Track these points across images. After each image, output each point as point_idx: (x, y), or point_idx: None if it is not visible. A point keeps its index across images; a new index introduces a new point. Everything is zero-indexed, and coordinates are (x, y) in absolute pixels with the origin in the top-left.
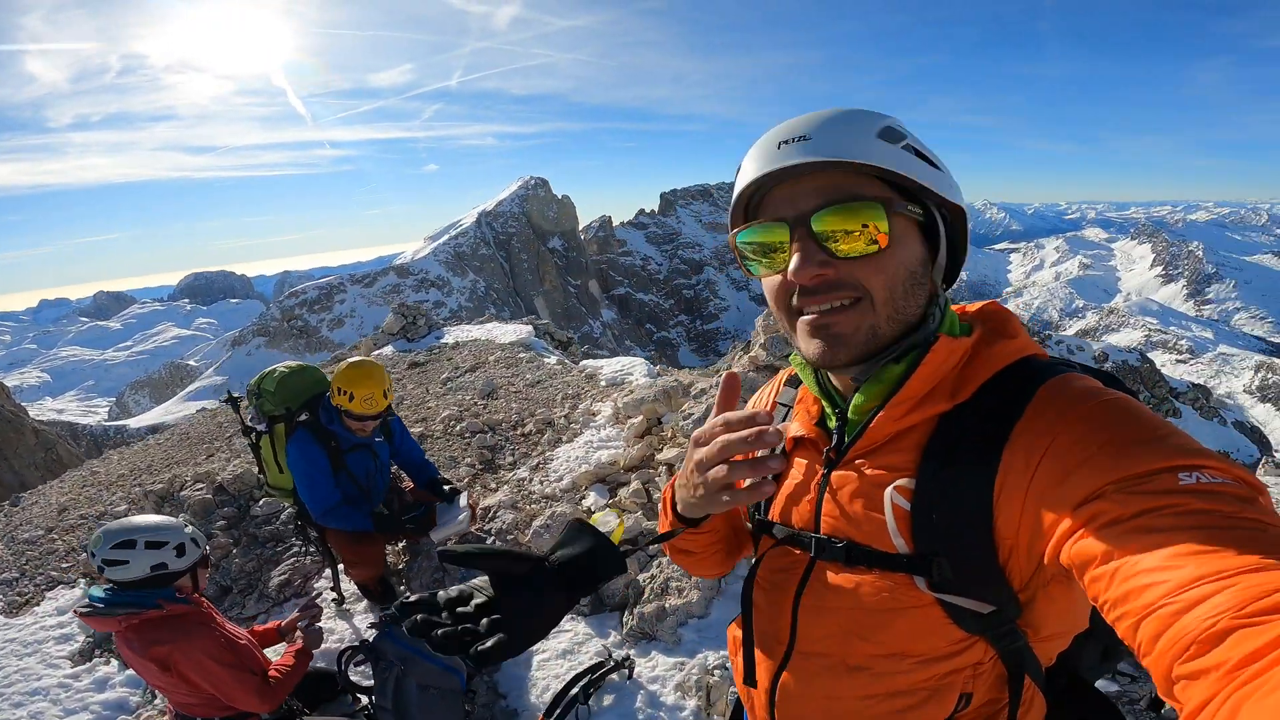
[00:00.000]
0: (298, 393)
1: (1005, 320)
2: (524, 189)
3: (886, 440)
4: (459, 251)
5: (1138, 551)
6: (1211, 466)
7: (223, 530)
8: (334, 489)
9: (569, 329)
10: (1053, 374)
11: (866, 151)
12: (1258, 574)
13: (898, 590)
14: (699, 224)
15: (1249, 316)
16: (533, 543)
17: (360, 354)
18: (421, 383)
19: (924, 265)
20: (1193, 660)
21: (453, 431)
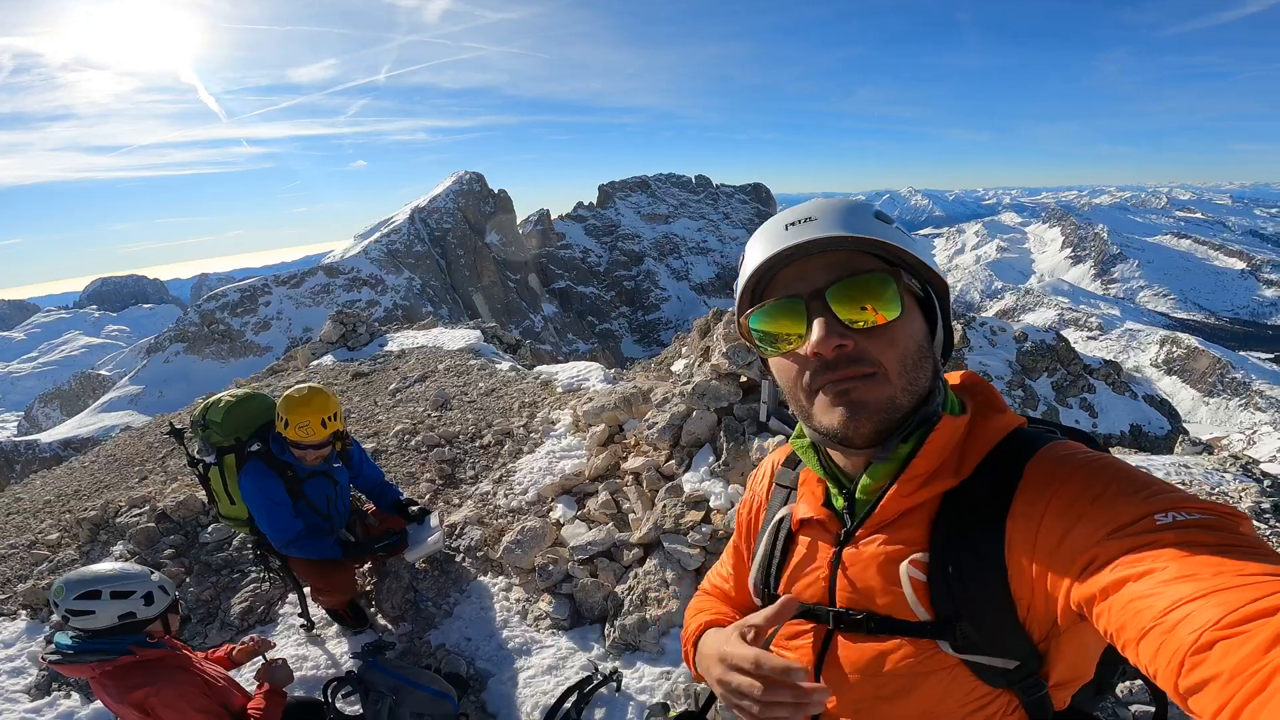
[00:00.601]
0: (246, 422)
1: (990, 394)
2: (459, 184)
3: (896, 517)
4: (392, 249)
5: (1128, 584)
6: (1184, 507)
7: (171, 559)
8: (294, 519)
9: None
10: (1040, 444)
11: (870, 229)
12: (1231, 591)
13: (922, 654)
14: (638, 215)
15: (1152, 294)
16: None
17: (298, 364)
18: (368, 394)
19: (927, 339)
20: (1190, 674)
21: (408, 446)
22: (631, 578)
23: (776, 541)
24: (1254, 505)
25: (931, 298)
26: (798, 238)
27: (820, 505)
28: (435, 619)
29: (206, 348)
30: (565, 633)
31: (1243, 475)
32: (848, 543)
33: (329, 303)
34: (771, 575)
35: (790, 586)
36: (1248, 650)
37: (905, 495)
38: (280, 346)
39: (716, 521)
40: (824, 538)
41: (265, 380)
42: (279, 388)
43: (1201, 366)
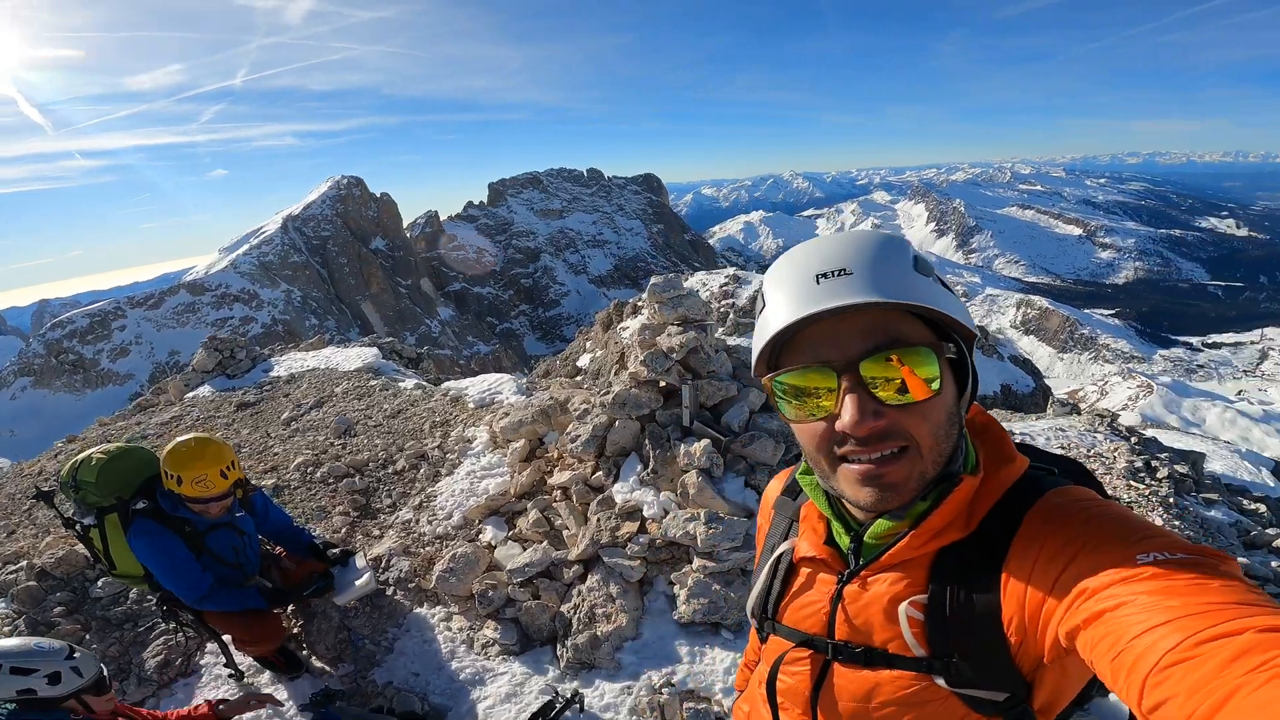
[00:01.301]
0: (126, 480)
1: (1000, 441)
2: (336, 189)
3: (899, 562)
4: (264, 261)
5: (1105, 614)
6: (1169, 548)
7: (64, 617)
8: (203, 574)
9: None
10: (1039, 493)
11: (909, 289)
12: (1196, 617)
13: (917, 686)
14: (531, 212)
15: (1006, 261)
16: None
17: (170, 398)
18: (258, 426)
19: (957, 402)
20: (1152, 693)
21: (312, 479)
22: (576, 596)
23: (776, 573)
24: (1128, 465)
25: (966, 356)
26: (830, 299)
27: (822, 543)
28: (377, 656)
29: (57, 380)
30: (516, 658)
31: (1112, 434)
32: (849, 580)
33: (196, 322)
34: (770, 604)
35: (790, 616)
36: (1205, 670)
37: (915, 548)
38: (143, 373)
39: (653, 531)
40: (825, 573)
41: (134, 418)
42: (151, 426)
43: (1054, 325)
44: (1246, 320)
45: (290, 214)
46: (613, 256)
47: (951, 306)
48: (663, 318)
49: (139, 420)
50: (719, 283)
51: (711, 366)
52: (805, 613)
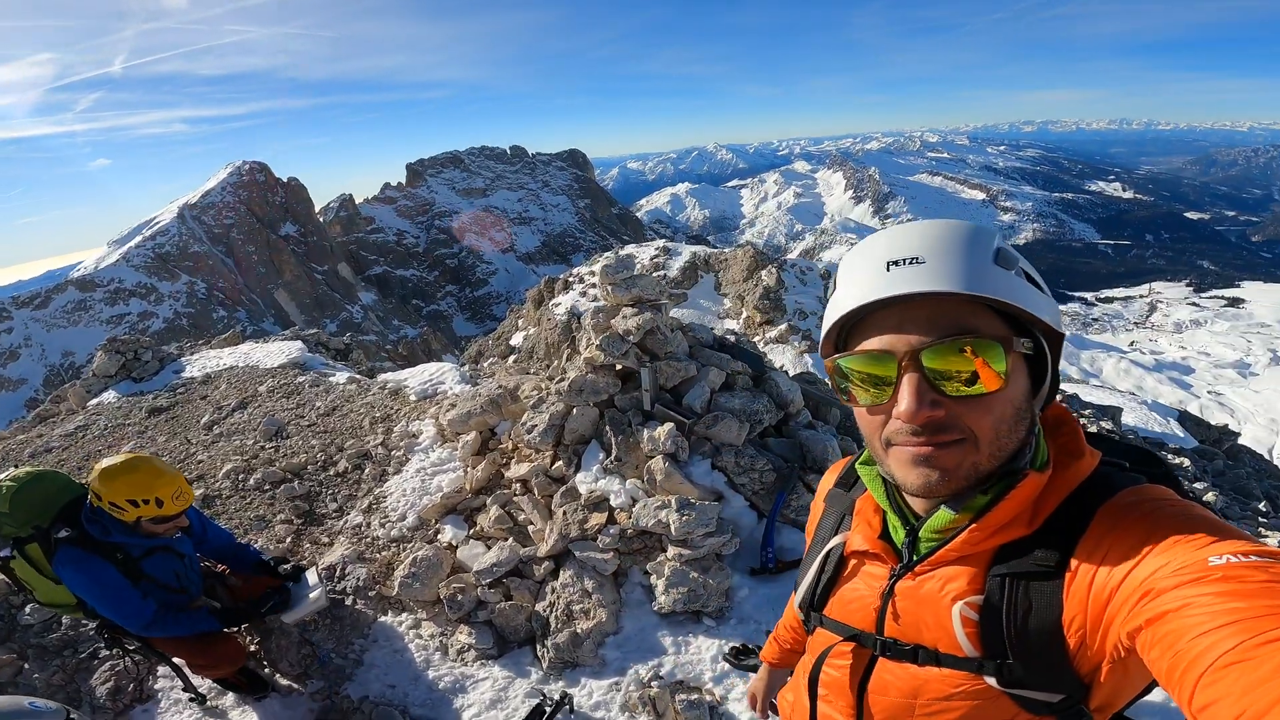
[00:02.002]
0: (43, 507)
1: (1074, 435)
2: (236, 175)
3: (955, 559)
4: (161, 253)
5: (1168, 615)
6: (1242, 550)
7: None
8: (143, 601)
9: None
10: (1112, 491)
11: (986, 282)
12: (1258, 619)
13: (966, 686)
14: (453, 191)
15: None
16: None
17: (71, 405)
18: (175, 432)
19: (1028, 399)
20: (1203, 692)
21: (245, 486)
22: (550, 593)
23: (825, 567)
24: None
25: (1045, 353)
26: (900, 287)
27: (875, 537)
28: (346, 670)
29: None
30: (495, 661)
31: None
32: (903, 576)
33: (89, 320)
34: (817, 597)
35: (839, 610)
36: (1261, 672)
37: (974, 544)
38: (36, 377)
39: (623, 521)
40: (878, 569)
41: (34, 429)
42: (54, 438)
43: None
44: (1135, 276)
45: (187, 203)
46: (540, 233)
47: (1033, 302)
48: (616, 299)
49: (40, 432)
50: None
51: (669, 347)
52: (854, 607)
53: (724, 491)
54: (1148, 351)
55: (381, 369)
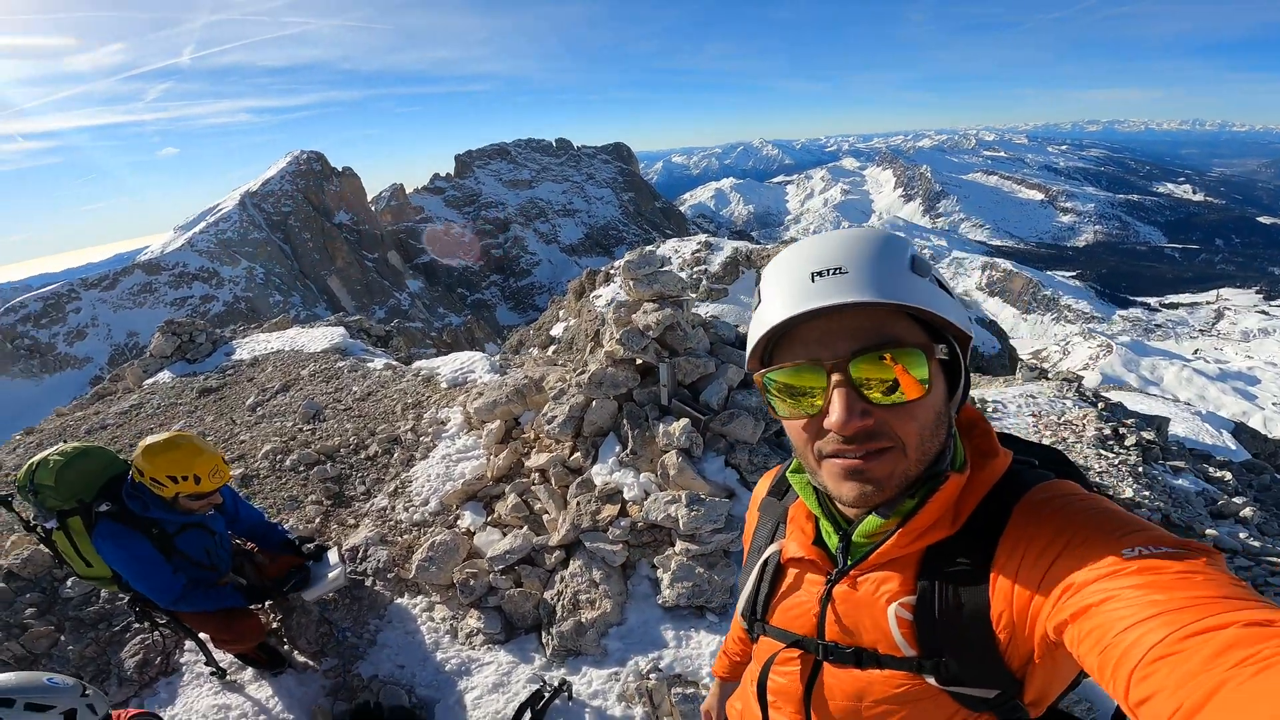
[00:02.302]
0: (87, 482)
1: (986, 436)
2: (295, 164)
3: (887, 561)
4: (223, 238)
5: (1092, 609)
6: (1154, 542)
7: (36, 619)
8: (174, 575)
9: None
10: (1025, 489)
11: (905, 291)
12: (1181, 612)
13: (907, 685)
14: (499, 182)
15: (971, 225)
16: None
17: (128, 384)
18: (222, 412)
19: (946, 403)
20: (1138, 687)
21: (282, 467)
22: (559, 582)
23: (764, 575)
24: (1097, 433)
25: (959, 357)
26: (825, 298)
27: (810, 544)
28: (360, 649)
29: (13, 366)
30: (501, 646)
31: (1080, 400)
32: (838, 581)
33: (154, 302)
34: (759, 606)
35: (780, 617)
36: (1191, 665)
37: (903, 546)
38: (101, 356)
39: (634, 514)
40: (814, 574)
41: (92, 407)
42: (110, 415)
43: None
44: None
45: (248, 190)
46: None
47: (946, 308)
48: (638, 294)
49: (97, 410)
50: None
51: (689, 343)
52: (795, 613)
53: (735, 489)
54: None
55: (421, 355)
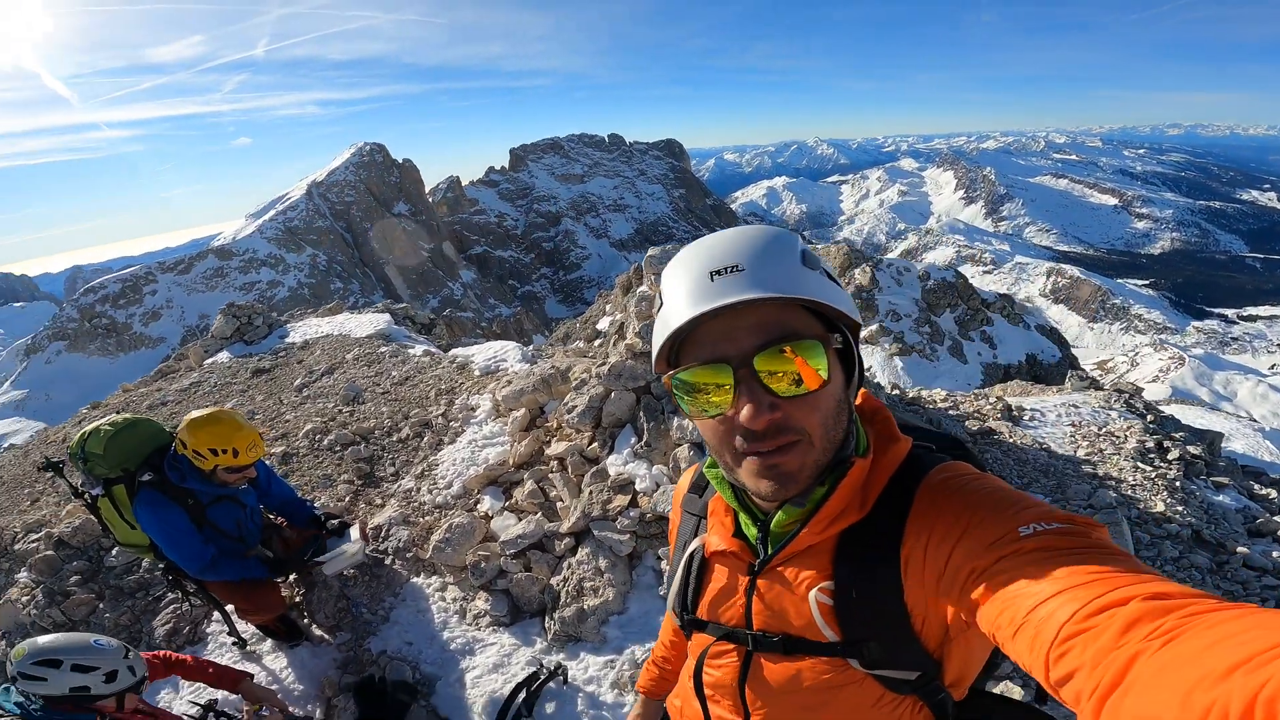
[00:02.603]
0: (132, 451)
1: (887, 422)
2: (358, 156)
3: (805, 549)
4: (290, 226)
5: (999, 588)
6: (1045, 518)
7: (79, 586)
8: (204, 545)
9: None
10: (925, 470)
11: (799, 284)
12: (1083, 587)
13: (834, 670)
14: (552, 177)
15: (1037, 229)
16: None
17: (190, 363)
18: (272, 392)
19: (845, 391)
20: (1057, 666)
21: (320, 446)
22: (566, 568)
23: (691, 571)
24: (1138, 445)
25: (852, 345)
26: (724, 296)
27: (730, 536)
28: (373, 625)
29: (91, 344)
30: (506, 629)
31: (1127, 412)
32: (761, 571)
33: (225, 286)
34: (688, 601)
35: (709, 610)
36: (1102, 641)
37: (817, 534)
38: (174, 337)
39: (644, 505)
40: (738, 567)
41: (155, 384)
42: (170, 392)
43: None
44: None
45: (314, 180)
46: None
47: (837, 298)
48: (659, 288)
49: (159, 387)
50: None
51: None
52: (723, 606)
53: None
54: None
55: (462, 344)
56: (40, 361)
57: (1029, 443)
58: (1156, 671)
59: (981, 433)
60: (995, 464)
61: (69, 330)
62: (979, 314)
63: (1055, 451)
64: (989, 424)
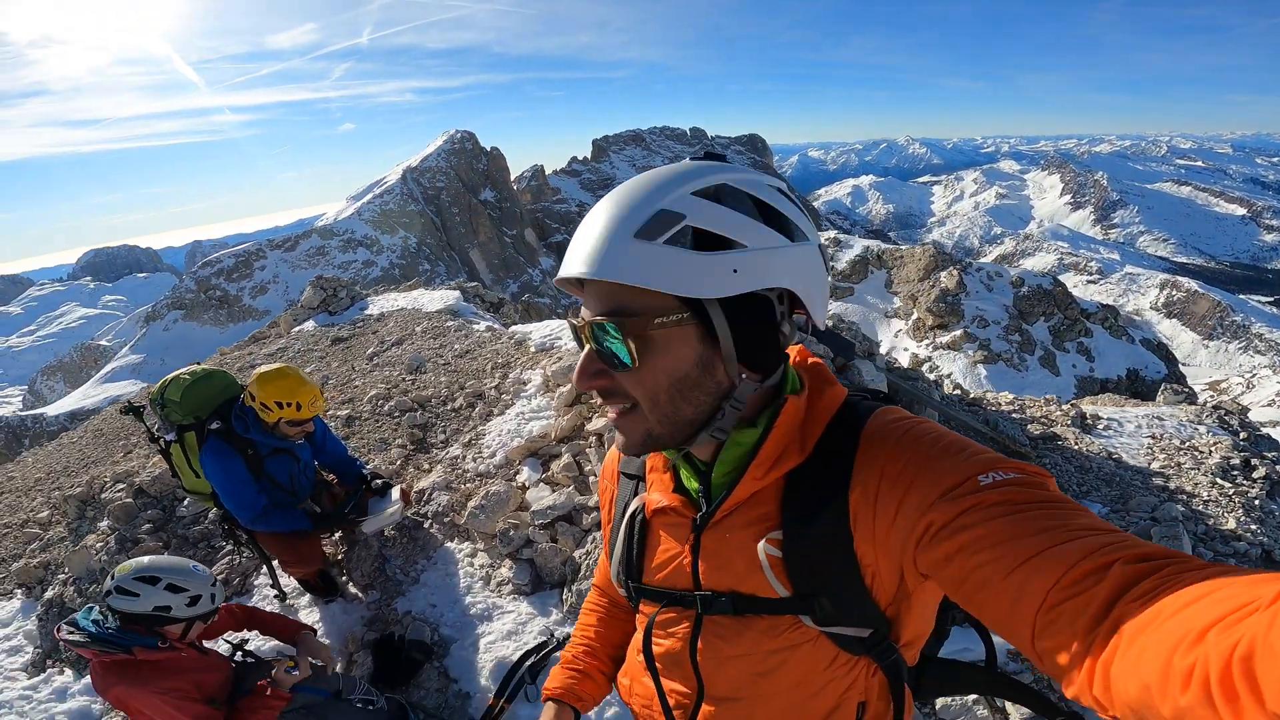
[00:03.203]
0: (206, 401)
1: (820, 368)
2: (450, 143)
3: (749, 498)
4: (385, 209)
5: (966, 547)
6: (1001, 467)
7: (150, 534)
8: (258, 495)
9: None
10: (867, 415)
11: (615, 263)
12: (1060, 547)
13: (786, 630)
14: (633, 168)
15: (1152, 239)
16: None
17: (280, 330)
18: (346, 359)
19: (700, 367)
20: (1043, 635)
21: (381, 411)
22: (590, 542)
23: (633, 534)
24: (1222, 461)
25: (709, 317)
26: (566, 267)
27: (671, 491)
28: (403, 586)
29: (205, 314)
30: (526, 598)
31: (1218, 428)
32: (705, 527)
33: (325, 264)
34: (632, 567)
35: (653, 576)
36: (1091, 610)
37: (758, 479)
38: (278, 309)
39: None
40: (681, 524)
41: (247, 349)
42: (260, 356)
43: (1201, 310)
44: None
45: (409, 165)
46: None
47: (668, 276)
48: None
49: (250, 351)
50: None
51: None
52: (669, 569)
53: None
54: None
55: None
56: (158, 329)
57: (1096, 450)
58: (1137, 634)
59: (1044, 437)
60: (1053, 470)
61: (186, 300)
62: (1077, 324)
63: (1125, 462)
64: (1054, 429)
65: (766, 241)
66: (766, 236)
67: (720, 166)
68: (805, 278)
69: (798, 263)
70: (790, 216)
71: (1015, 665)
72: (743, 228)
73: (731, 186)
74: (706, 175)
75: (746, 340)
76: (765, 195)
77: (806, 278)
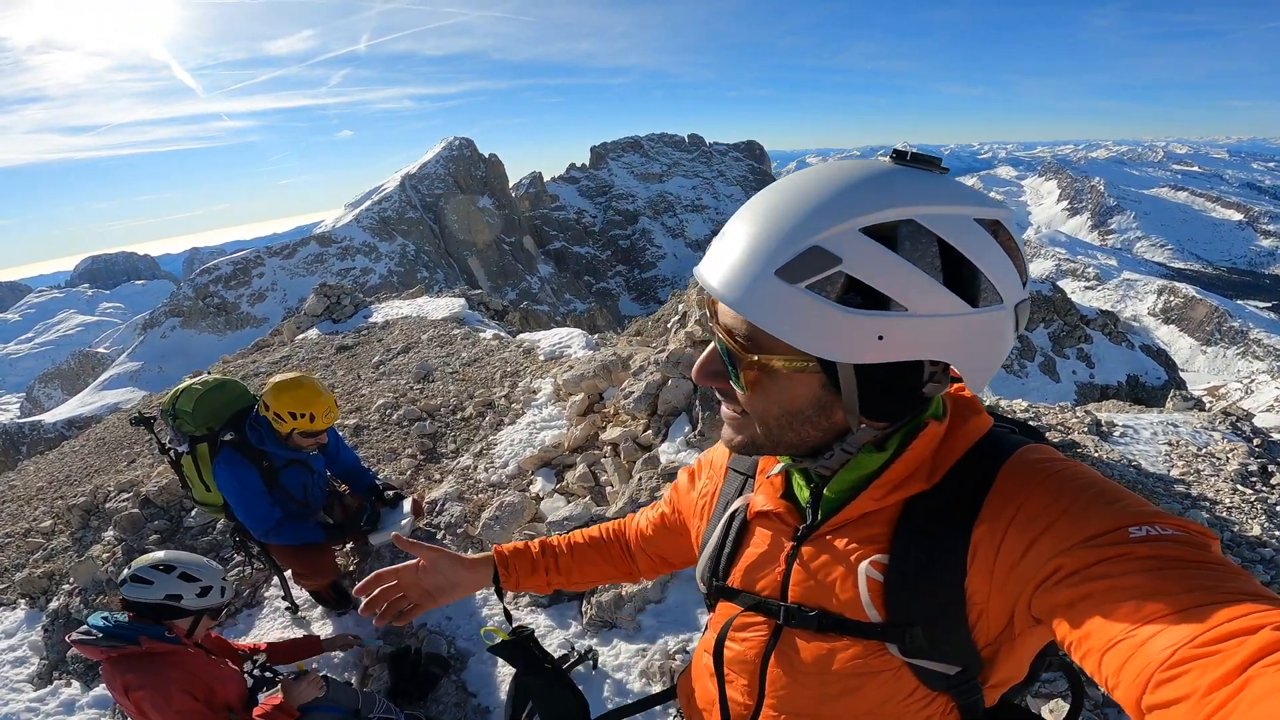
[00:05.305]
0: (219, 411)
1: (969, 400)
2: (448, 150)
3: (859, 517)
4: (384, 216)
5: (1097, 595)
6: (1159, 521)
7: (156, 544)
8: (272, 507)
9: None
10: (1013, 450)
11: (748, 300)
12: (1205, 608)
13: (869, 656)
14: (631, 175)
15: (1150, 244)
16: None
17: (283, 338)
18: (352, 368)
19: (815, 407)
20: (1159, 689)
21: (389, 420)
22: None
23: (729, 532)
24: (1240, 467)
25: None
26: (704, 267)
27: (778, 497)
28: None
29: (202, 321)
30: (544, 610)
31: (1232, 434)
32: (807, 538)
33: (323, 272)
34: (721, 566)
35: (742, 578)
36: (1224, 669)
37: (876, 500)
38: (276, 317)
39: None
40: (782, 531)
41: (250, 356)
42: (264, 364)
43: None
44: None
45: (407, 172)
46: (711, 221)
47: (789, 330)
48: None
49: (254, 359)
50: None
51: None
52: (759, 574)
53: None
54: None
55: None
56: (156, 336)
57: (1116, 459)
58: (1261, 697)
59: (1063, 445)
60: None
61: (184, 307)
62: (1076, 330)
63: (1145, 469)
64: (1072, 437)
65: (936, 307)
66: (939, 300)
67: (917, 188)
68: (974, 351)
69: (970, 335)
70: (986, 273)
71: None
72: (910, 287)
73: (917, 224)
74: (892, 202)
75: (874, 400)
76: (960, 240)
77: (975, 350)
